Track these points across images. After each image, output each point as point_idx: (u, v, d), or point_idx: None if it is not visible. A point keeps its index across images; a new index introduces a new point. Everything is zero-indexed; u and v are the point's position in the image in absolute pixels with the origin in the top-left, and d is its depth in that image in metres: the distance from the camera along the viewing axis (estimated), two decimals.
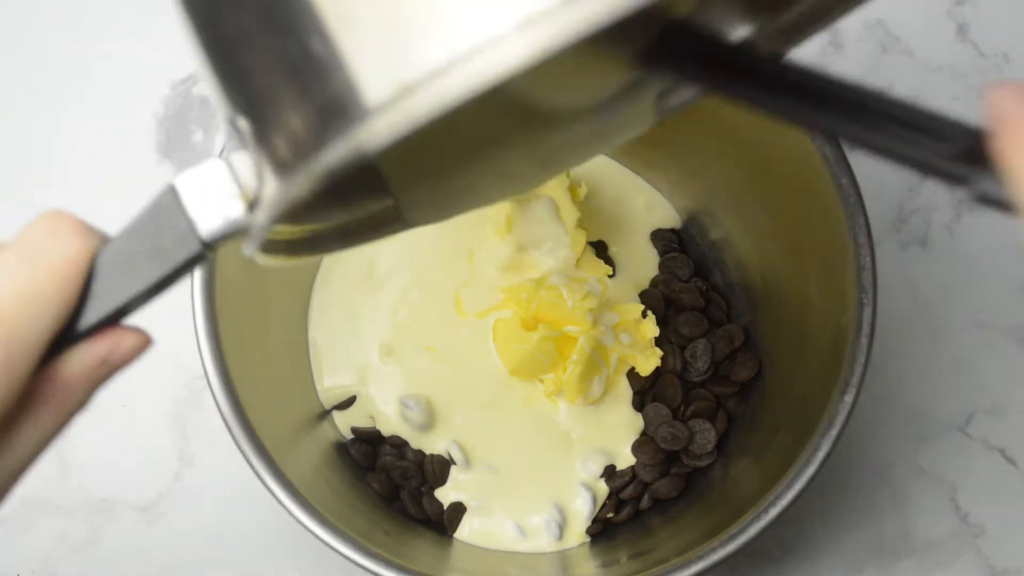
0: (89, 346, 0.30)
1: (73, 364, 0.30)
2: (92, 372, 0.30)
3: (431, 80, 0.23)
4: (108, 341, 0.30)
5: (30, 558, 0.58)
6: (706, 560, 0.47)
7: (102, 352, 0.30)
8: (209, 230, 0.30)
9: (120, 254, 0.30)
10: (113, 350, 0.30)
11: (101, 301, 0.30)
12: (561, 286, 0.56)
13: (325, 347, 0.58)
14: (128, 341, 0.30)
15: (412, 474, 0.56)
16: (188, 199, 0.30)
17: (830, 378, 0.48)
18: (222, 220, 0.30)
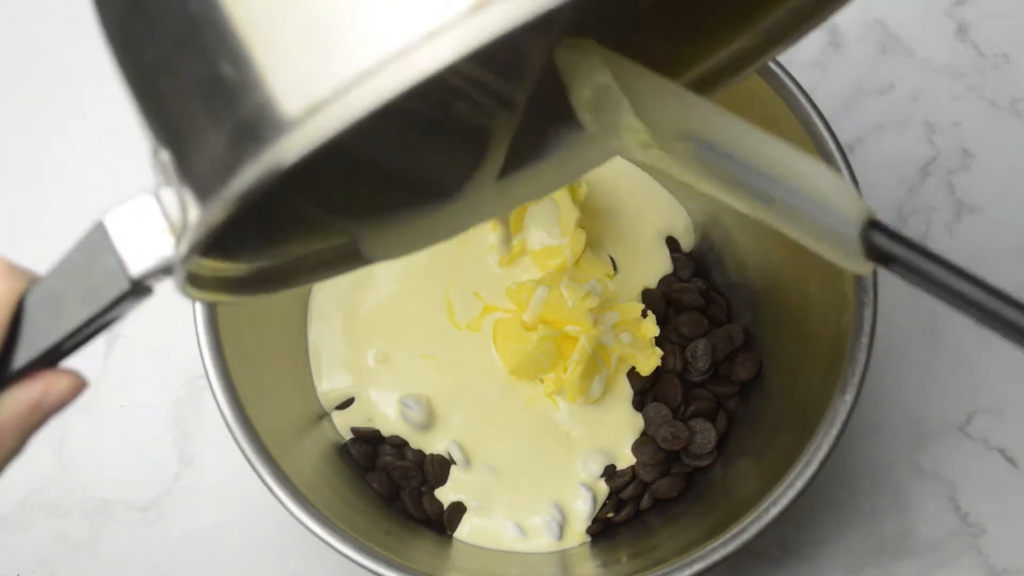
0: (20, 390, 0.30)
1: (3, 409, 0.29)
2: (24, 417, 0.30)
3: (340, 94, 0.23)
4: (40, 384, 0.30)
5: (30, 558, 0.58)
6: (706, 560, 0.47)
7: (34, 396, 0.30)
8: (139, 268, 0.29)
9: (50, 294, 0.30)
10: (46, 393, 0.30)
11: (31, 343, 0.30)
12: (561, 286, 0.56)
13: (323, 351, 0.58)
14: (61, 384, 0.30)
15: (412, 474, 0.56)
16: (117, 236, 0.29)
17: (830, 378, 0.48)
18: (151, 257, 0.29)
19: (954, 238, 0.63)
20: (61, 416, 0.62)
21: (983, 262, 0.62)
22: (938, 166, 0.64)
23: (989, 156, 0.64)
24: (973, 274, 0.29)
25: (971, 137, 0.64)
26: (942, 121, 0.64)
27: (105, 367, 0.60)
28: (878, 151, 0.64)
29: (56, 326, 0.30)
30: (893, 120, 0.64)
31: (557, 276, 0.57)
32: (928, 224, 0.63)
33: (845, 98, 0.64)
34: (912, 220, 0.63)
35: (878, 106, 0.64)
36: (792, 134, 0.49)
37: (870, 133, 0.64)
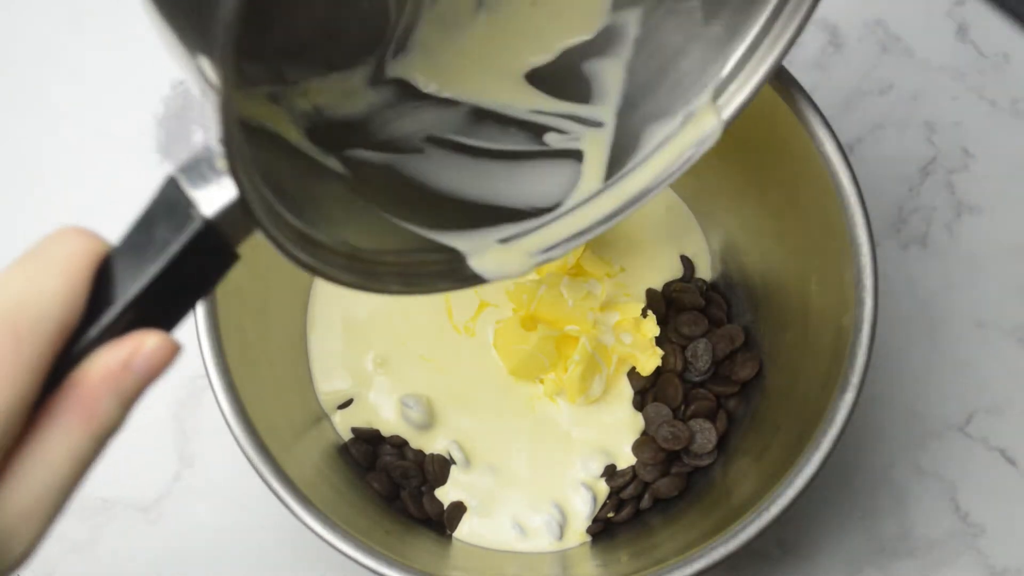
0: (108, 349, 0.29)
1: (93, 368, 0.29)
2: (115, 377, 0.29)
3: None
4: (128, 343, 0.30)
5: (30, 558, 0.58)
6: (706, 559, 0.47)
7: (123, 354, 0.29)
8: (211, 206, 0.30)
9: (129, 248, 0.30)
10: (135, 352, 0.30)
11: (116, 300, 0.30)
12: (561, 286, 0.56)
13: (323, 352, 0.58)
14: (149, 342, 0.30)
15: (412, 474, 0.56)
16: (187, 183, 0.30)
17: (830, 378, 0.48)
18: (223, 195, 0.30)
19: (954, 238, 0.63)
20: None
21: (983, 262, 0.63)
22: (938, 166, 0.64)
23: (989, 156, 0.64)
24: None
25: (971, 137, 0.64)
26: (942, 121, 0.64)
27: None
28: (878, 151, 0.64)
29: (137, 277, 0.29)
30: (893, 120, 0.64)
31: (557, 276, 0.57)
32: (928, 224, 0.63)
33: (845, 98, 0.64)
34: (912, 220, 0.63)
35: (878, 106, 0.64)
36: (792, 134, 0.49)
37: (870, 133, 0.64)
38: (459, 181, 0.40)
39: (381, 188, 0.38)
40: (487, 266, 0.38)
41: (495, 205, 0.40)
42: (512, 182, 0.40)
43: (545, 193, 0.40)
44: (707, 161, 0.57)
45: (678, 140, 0.41)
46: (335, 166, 0.38)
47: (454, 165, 0.40)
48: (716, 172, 0.57)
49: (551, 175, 0.41)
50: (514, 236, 0.39)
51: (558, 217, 0.40)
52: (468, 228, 0.39)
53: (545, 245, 0.40)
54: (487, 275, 0.38)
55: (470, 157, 0.40)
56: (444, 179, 0.40)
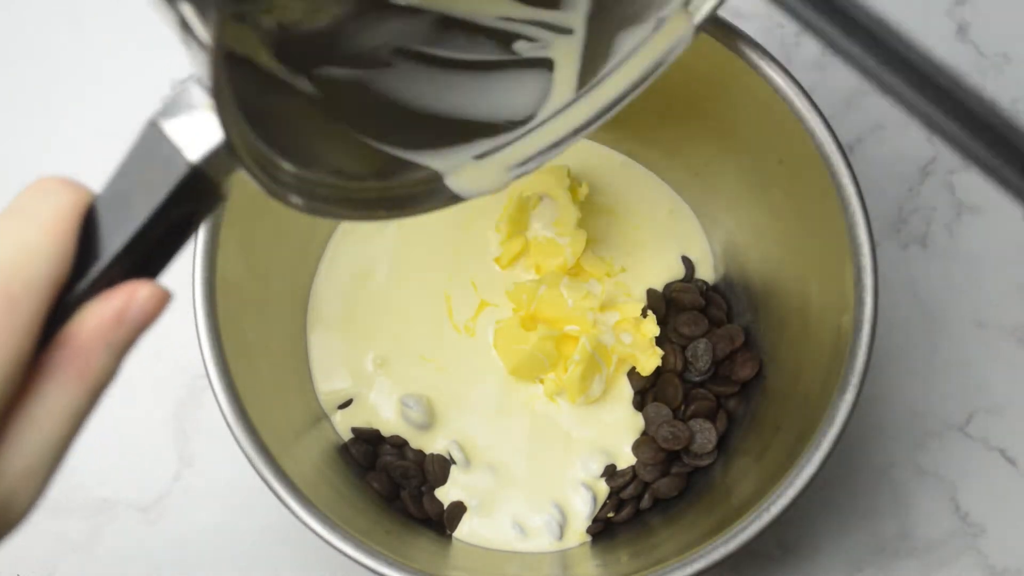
0: (100, 302, 0.29)
1: (85, 322, 0.29)
2: (108, 330, 0.29)
3: None
4: (120, 295, 0.29)
5: (30, 558, 0.58)
6: (706, 559, 0.47)
7: (115, 306, 0.29)
8: (196, 150, 0.29)
9: (113, 197, 0.30)
10: (128, 302, 0.29)
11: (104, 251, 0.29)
12: (561, 286, 0.56)
13: (323, 352, 0.58)
14: (142, 292, 0.29)
15: (412, 473, 0.56)
16: (170, 128, 0.29)
17: (830, 378, 0.48)
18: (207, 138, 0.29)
19: (954, 238, 0.63)
20: None
21: (983, 262, 0.63)
22: (938, 166, 0.64)
23: None
24: None
25: None
26: None
27: None
28: (878, 151, 0.64)
29: (125, 226, 0.29)
30: (893, 120, 0.64)
31: (557, 276, 0.57)
32: (928, 224, 0.63)
33: (845, 98, 0.64)
34: (912, 220, 0.63)
35: (878, 106, 0.64)
36: (792, 134, 0.49)
37: (870, 133, 0.64)
38: (429, 95, 0.39)
39: (353, 108, 0.38)
40: (464, 183, 0.37)
41: (468, 120, 0.39)
42: (483, 95, 0.39)
43: (518, 105, 0.39)
44: (707, 161, 0.57)
45: (650, 46, 0.40)
46: (305, 87, 0.37)
47: (423, 78, 0.39)
48: (716, 172, 0.57)
49: (523, 86, 0.40)
50: (489, 151, 0.38)
51: (533, 129, 0.39)
52: (442, 146, 0.38)
53: (521, 158, 0.39)
54: (464, 193, 0.37)
55: (439, 69, 0.39)
56: (414, 94, 0.39)
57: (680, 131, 0.57)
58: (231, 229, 0.49)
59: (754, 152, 0.54)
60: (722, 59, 0.49)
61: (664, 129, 0.57)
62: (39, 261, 0.28)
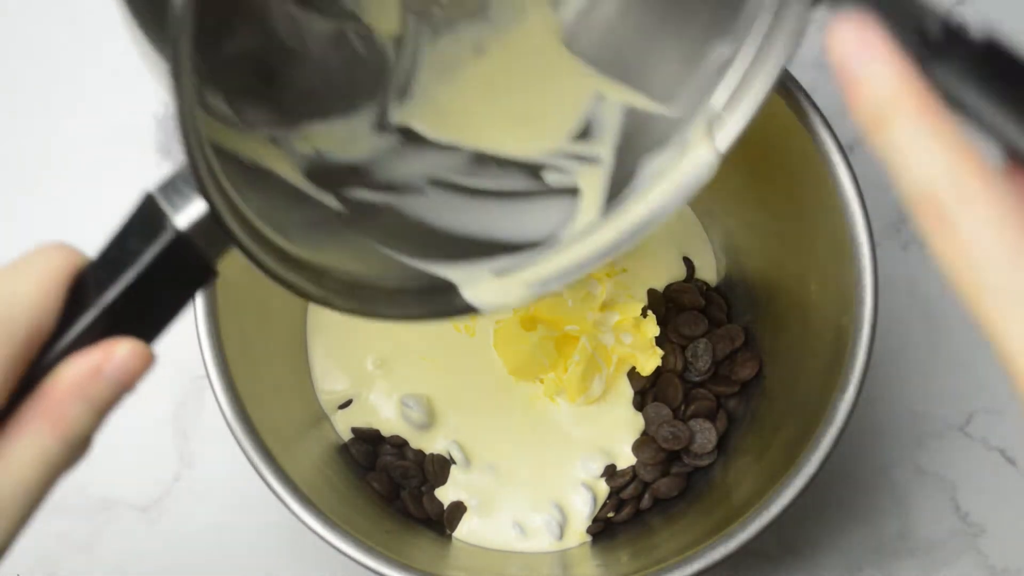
0: (78, 357, 0.30)
1: (62, 375, 0.30)
2: (85, 384, 0.30)
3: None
4: (99, 350, 0.30)
5: (30, 558, 0.59)
6: (706, 559, 0.47)
7: (93, 361, 0.30)
8: (184, 219, 0.30)
9: (104, 261, 0.31)
10: (106, 358, 0.30)
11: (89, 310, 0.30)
12: None
13: (323, 353, 0.58)
14: (121, 350, 0.30)
15: (412, 473, 0.56)
16: (163, 199, 0.31)
17: (830, 378, 0.48)
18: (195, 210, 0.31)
19: None
20: None
21: None
22: None
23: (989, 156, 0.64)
24: None
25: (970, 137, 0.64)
26: None
27: None
28: None
29: (111, 287, 0.30)
30: None
31: None
32: None
33: None
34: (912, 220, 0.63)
35: None
36: (792, 134, 0.49)
37: None
38: (458, 219, 0.40)
39: (376, 223, 0.39)
40: (481, 296, 0.38)
41: (491, 240, 0.40)
42: (510, 218, 0.41)
43: (542, 227, 0.40)
44: None
45: (674, 171, 0.41)
46: (332, 203, 0.38)
47: (454, 204, 0.40)
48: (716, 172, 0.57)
49: (548, 210, 0.41)
50: (509, 268, 0.39)
51: (556, 249, 0.40)
52: (461, 259, 0.39)
53: (543, 277, 0.40)
54: (482, 306, 0.38)
55: (470, 196, 0.41)
56: (443, 218, 0.40)
57: None
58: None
59: (754, 152, 0.54)
60: None
61: None
62: (22, 308, 0.29)
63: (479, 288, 0.38)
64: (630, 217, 0.40)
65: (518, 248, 0.40)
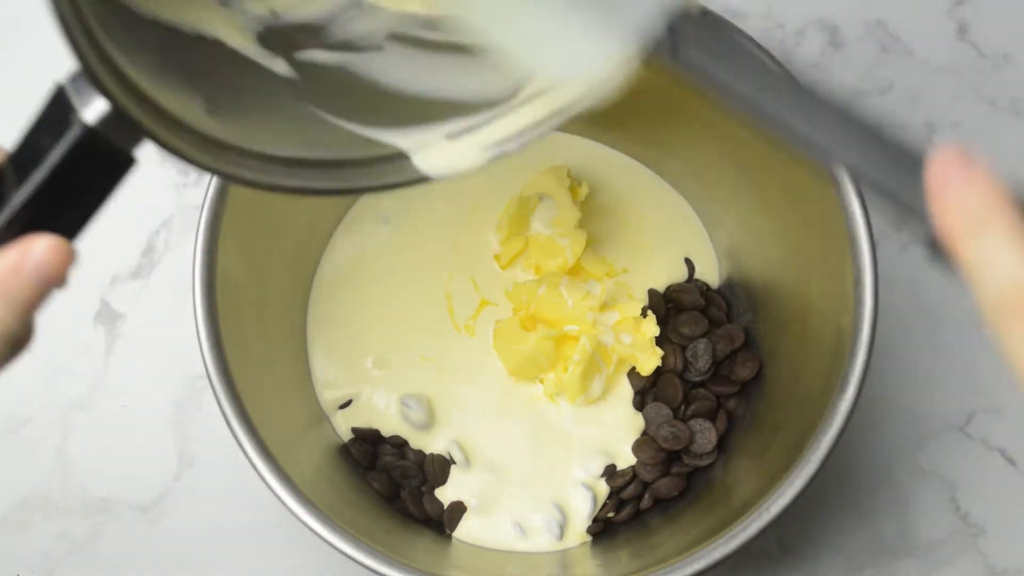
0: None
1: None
2: (4, 282, 0.29)
3: None
4: (16, 248, 0.30)
5: (30, 558, 0.58)
6: (706, 559, 0.47)
7: (10, 260, 0.29)
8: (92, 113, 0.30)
9: (17, 159, 0.30)
10: (24, 255, 0.29)
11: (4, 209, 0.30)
12: (561, 286, 0.56)
13: (323, 353, 0.58)
14: (39, 245, 0.30)
15: (412, 473, 0.56)
16: (72, 92, 0.30)
17: (830, 378, 0.48)
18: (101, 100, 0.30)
19: None
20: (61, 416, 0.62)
21: None
22: None
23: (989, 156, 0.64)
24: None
25: (971, 137, 0.64)
26: (942, 121, 0.64)
27: (105, 367, 0.60)
28: None
29: (26, 185, 0.30)
30: (893, 120, 0.64)
31: (557, 276, 0.57)
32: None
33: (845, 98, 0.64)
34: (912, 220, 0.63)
35: (878, 106, 0.64)
36: None
37: None
38: (415, 76, 0.37)
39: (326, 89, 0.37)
40: (434, 162, 0.36)
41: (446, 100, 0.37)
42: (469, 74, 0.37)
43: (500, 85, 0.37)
44: (708, 162, 0.57)
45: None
46: (281, 69, 0.36)
47: (412, 61, 0.37)
48: (716, 172, 0.57)
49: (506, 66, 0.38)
50: (463, 131, 0.36)
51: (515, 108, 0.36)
52: (413, 125, 0.36)
53: (499, 137, 0.36)
54: (434, 172, 0.36)
55: (430, 52, 0.37)
56: (400, 77, 0.37)
57: (680, 132, 0.57)
58: (231, 229, 0.49)
59: (754, 152, 0.54)
60: None
61: (664, 130, 0.57)
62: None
63: (431, 153, 0.36)
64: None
65: (474, 110, 0.37)
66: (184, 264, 0.49)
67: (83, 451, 0.60)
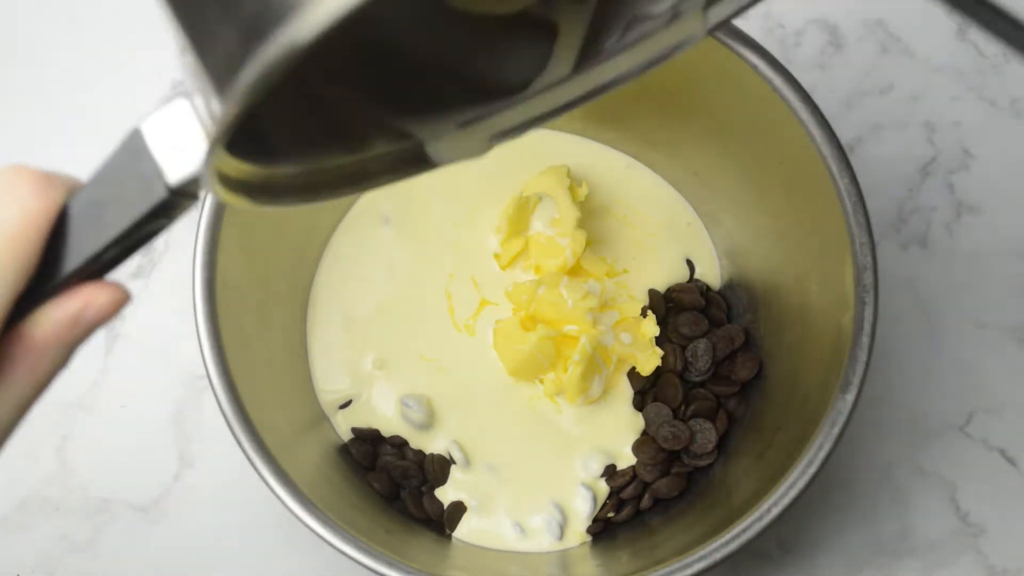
0: (58, 305, 0.29)
1: (42, 324, 0.29)
2: (64, 332, 0.30)
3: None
4: (79, 298, 0.29)
5: (30, 558, 0.59)
6: (706, 559, 0.47)
7: (73, 310, 0.29)
8: (176, 176, 0.29)
9: (88, 204, 0.30)
10: (86, 307, 0.30)
11: (70, 256, 0.29)
12: (561, 286, 0.56)
13: (323, 353, 0.58)
14: (101, 298, 0.30)
15: (412, 473, 0.56)
16: (154, 143, 0.29)
17: (831, 378, 0.48)
18: (188, 164, 0.29)
19: (954, 238, 0.63)
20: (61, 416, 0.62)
21: (983, 262, 0.63)
22: (938, 166, 0.64)
23: (989, 156, 0.64)
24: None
25: (971, 137, 0.64)
26: (942, 121, 0.64)
27: (105, 367, 0.60)
28: (878, 151, 0.64)
29: (95, 237, 0.29)
30: (893, 120, 0.64)
31: (557, 276, 0.57)
32: (928, 224, 0.63)
33: (845, 98, 0.64)
34: (912, 220, 0.63)
35: (878, 106, 0.64)
36: (792, 134, 0.49)
37: (870, 133, 0.64)
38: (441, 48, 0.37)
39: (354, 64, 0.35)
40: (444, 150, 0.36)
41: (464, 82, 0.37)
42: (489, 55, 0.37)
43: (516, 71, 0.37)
44: (708, 161, 0.57)
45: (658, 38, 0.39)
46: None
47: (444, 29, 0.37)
48: (716, 172, 0.57)
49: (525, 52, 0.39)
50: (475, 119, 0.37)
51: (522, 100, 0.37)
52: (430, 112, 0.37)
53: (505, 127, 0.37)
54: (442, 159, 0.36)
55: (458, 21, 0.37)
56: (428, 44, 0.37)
57: (681, 131, 0.57)
58: (231, 229, 0.49)
59: (754, 152, 0.54)
60: (722, 59, 0.49)
61: (665, 130, 0.57)
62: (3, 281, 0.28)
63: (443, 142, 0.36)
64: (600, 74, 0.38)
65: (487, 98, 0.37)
66: (184, 264, 0.49)
67: (83, 451, 0.60)
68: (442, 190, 0.59)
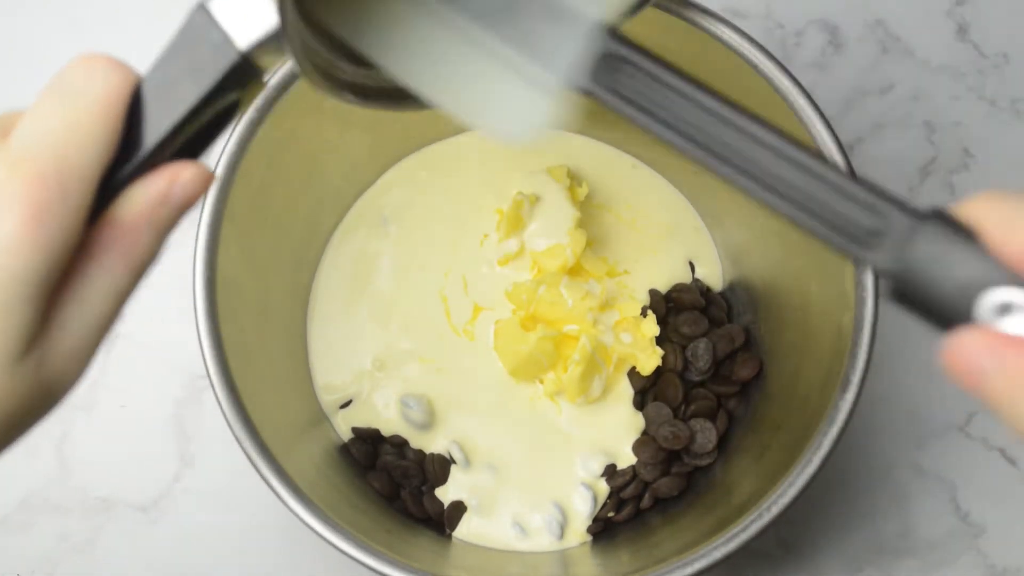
0: (145, 184, 0.29)
1: (131, 204, 0.29)
2: (153, 211, 0.29)
3: None
4: (165, 176, 0.29)
5: (30, 558, 0.59)
6: (706, 559, 0.47)
7: (160, 188, 0.29)
8: (246, 39, 0.29)
9: (160, 80, 0.30)
10: (172, 183, 0.30)
11: (149, 132, 0.29)
12: (561, 286, 0.56)
13: (323, 353, 0.58)
14: (186, 173, 0.30)
15: (413, 473, 0.56)
16: (220, 13, 0.29)
17: (831, 378, 0.48)
18: (257, 28, 0.29)
19: None
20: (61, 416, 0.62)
21: None
22: (938, 166, 0.64)
23: (989, 156, 0.64)
24: None
25: (971, 137, 0.64)
26: (942, 121, 0.64)
27: (105, 367, 0.60)
28: (878, 151, 0.64)
29: (172, 110, 0.29)
30: (893, 120, 0.64)
31: (557, 276, 0.57)
32: None
33: (845, 98, 0.64)
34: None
35: (878, 106, 0.64)
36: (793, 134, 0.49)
37: (870, 133, 0.64)
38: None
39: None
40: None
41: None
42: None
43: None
44: None
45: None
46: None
47: None
48: None
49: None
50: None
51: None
52: None
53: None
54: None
55: None
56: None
57: None
58: (231, 228, 0.49)
59: None
60: (722, 59, 0.49)
61: None
62: (90, 145, 0.28)
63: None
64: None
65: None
66: (184, 264, 0.49)
67: (83, 451, 0.60)
68: (442, 190, 0.59)
